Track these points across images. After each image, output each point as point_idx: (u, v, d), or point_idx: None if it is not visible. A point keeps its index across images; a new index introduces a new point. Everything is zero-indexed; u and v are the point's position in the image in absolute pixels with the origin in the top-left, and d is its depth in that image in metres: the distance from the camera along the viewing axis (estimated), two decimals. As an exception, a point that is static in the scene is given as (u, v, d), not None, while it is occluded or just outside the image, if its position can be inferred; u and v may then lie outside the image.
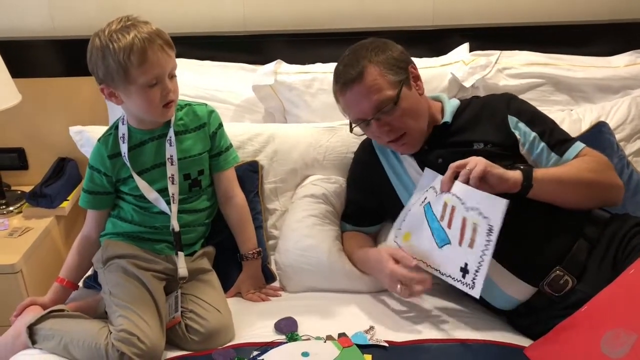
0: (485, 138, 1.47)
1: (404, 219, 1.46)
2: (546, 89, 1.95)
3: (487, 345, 1.30)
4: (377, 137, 1.51)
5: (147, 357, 1.29)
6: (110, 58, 1.33)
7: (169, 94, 1.39)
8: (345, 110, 1.51)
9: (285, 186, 1.76)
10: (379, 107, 1.43)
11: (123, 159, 1.47)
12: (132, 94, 1.38)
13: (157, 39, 1.35)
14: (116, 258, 1.47)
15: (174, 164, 1.47)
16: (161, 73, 1.36)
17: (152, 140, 1.48)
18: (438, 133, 1.52)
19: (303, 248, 1.58)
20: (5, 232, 1.91)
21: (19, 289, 1.78)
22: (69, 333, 1.35)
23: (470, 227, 1.29)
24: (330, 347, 1.31)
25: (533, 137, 1.45)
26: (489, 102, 1.56)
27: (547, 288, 1.36)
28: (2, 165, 2.08)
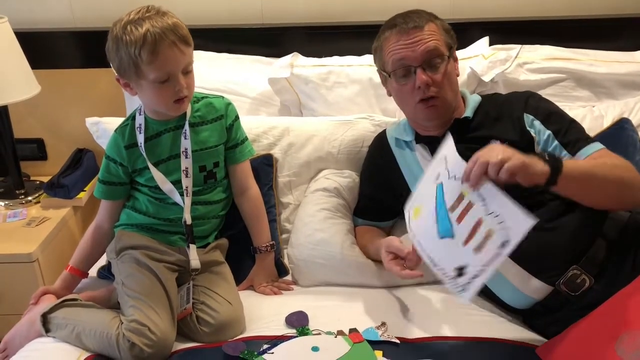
0: (503, 136, 1.43)
1: (418, 191, 1.38)
2: (567, 84, 1.91)
3: (499, 344, 1.28)
4: (410, 93, 1.46)
5: (157, 348, 1.29)
6: (122, 51, 1.33)
7: (182, 90, 1.38)
8: (389, 55, 1.47)
9: (299, 180, 1.75)
10: (430, 56, 1.43)
11: (139, 149, 1.47)
12: (143, 87, 1.38)
13: (171, 34, 1.33)
14: (129, 249, 1.47)
15: (188, 157, 1.47)
16: (173, 70, 1.35)
17: (168, 131, 1.48)
18: (457, 126, 1.50)
19: (315, 242, 1.57)
20: (23, 221, 1.93)
21: (35, 278, 1.81)
22: (82, 322, 1.36)
23: (484, 232, 1.18)
24: (340, 342, 1.30)
25: (547, 135, 1.43)
26: (509, 99, 1.54)
27: (563, 287, 1.33)
28: (22, 156, 2.10)
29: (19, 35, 1.90)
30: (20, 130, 2.09)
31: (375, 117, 1.78)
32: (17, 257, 1.79)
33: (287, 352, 1.28)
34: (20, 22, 2.04)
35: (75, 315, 1.39)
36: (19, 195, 2.04)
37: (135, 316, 1.32)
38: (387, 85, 1.55)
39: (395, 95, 1.54)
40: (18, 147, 2.05)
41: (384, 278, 1.54)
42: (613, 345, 1.13)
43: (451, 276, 1.22)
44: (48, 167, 2.19)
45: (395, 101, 1.57)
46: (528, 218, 1.12)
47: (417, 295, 1.50)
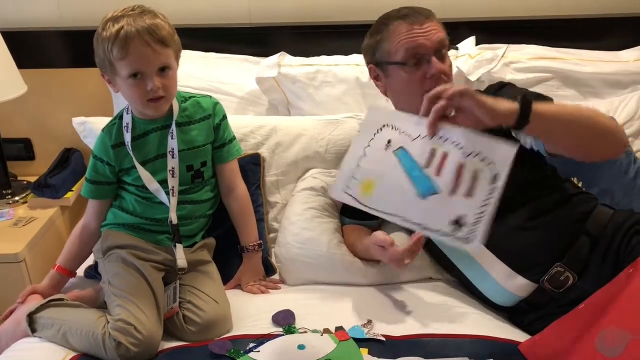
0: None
1: (358, 165, 1.28)
2: (553, 83, 1.92)
3: (484, 341, 1.29)
4: (420, 82, 1.43)
5: (143, 347, 1.29)
6: (99, 46, 1.37)
7: (155, 90, 1.37)
8: (400, 43, 1.44)
9: (287, 179, 1.75)
10: (441, 46, 1.44)
11: (127, 148, 1.47)
12: (119, 84, 1.40)
13: (145, 33, 1.34)
14: (116, 248, 1.47)
15: (174, 157, 1.47)
16: (144, 68, 1.36)
17: (155, 130, 1.48)
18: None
19: (302, 241, 1.57)
20: (10, 221, 1.93)
21: (23, 278, 1.80)
22: (68, 322, 1.36)
23: (469, 175, 1.16)
24: (326, 340, 1.30)
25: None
26: (486, 91, 1.52)
27: (547, 284, 1.35)
28: (9, 156, 2.09)
29: (4, 34, 1.90)
30: (7, 130, 2.08)
31: (362, 117, 1.78)
32: (4, 257, 1.78)
33: (272, 351, 1.28)
34: (6, 22, 2.03)
35: (62, 315, 1.38)
36: (5, 195, 2.03)
37: (121, 315, 1.31)
38: (388, 78, 1.50)
39: (399, 86, 1.49)
40: (5, 147, 2.04)
41: (371, 276, 1.54)
42: (594, 341, 1.14)
43: (448, 232, 1.18)
44: (35, 167, 2.18)
45: (394, 93, 1.53)
46: (509, 145, 1.13)
47: (403, 293, 1.50)
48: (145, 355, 1.30)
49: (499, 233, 1.37)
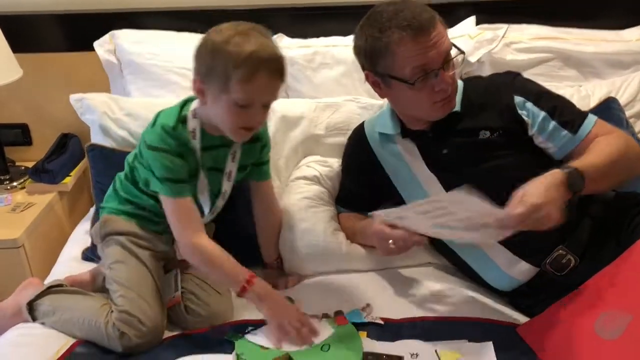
0: (491, 125, 1.40)
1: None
2: (555, 64, 1.90)
3: (483, 324, 1.29)
4: (428, 95, 1.36)
5: (147, 338, 1.29)
6: (219, 59, 1.23)
7: (254, 123, 1.31)
8: (407, 61, 1.33)
9: (285, 163, 1.73)
10: (448, 55, 1.35)
11: (195, 155, 1.35)
12: (220, 102, 1.27)
13: (274, 63, 1.25)
14: (115, 234, 1.44)
15: (230, 180, 1.42)
16: (259, 99, 1.27)
17: (223, 146, 1.39)
18: (442, 120, 1.43)
19: (299, 232, 1.55)
20: (8, 207, 1.92)
21: (22, 264, 1.79)
22: (69, 310, 1.35)
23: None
24: (324, 325, 1.30)
25: (543, 117, 1.39)
26: (492, 82, 1.48)
27: (549, 267, 1.34)
28: (6, 141, 2.07)
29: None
30: (4, 115, 2.07)
31: (361, 100, 1.76)
32: (3, 243, 1.77)
33: (267, 337, 1.27)
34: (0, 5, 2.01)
35: (62, 302, 1.38)
36: (3, 181, 2.02)
37: (125, 307, 1.30)
38: (391, 90, 1.41)
39: (404, 101, 1.42)
40: (2, 132, 2.03)
41: (369, 262, 1.54)
42: (592, 324, 1.14)
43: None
44: (33, 152, 2.16)
45: (397, 105, 1.47)
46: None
47: (402, 277, 1.50)
48: (149, 345, 1.29)
49: None
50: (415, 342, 1.23)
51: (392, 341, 1.24)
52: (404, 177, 1.50)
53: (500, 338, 1.24)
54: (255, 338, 1.27)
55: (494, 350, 1.21)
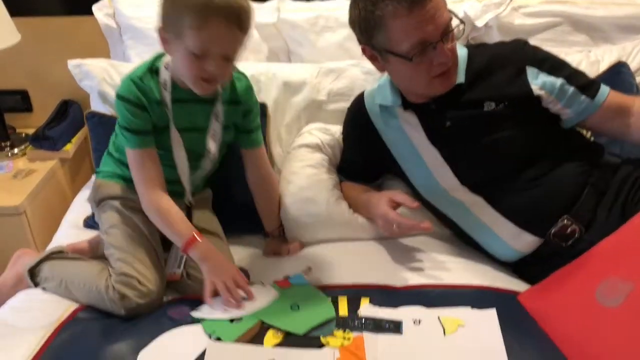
0: (498, 95, 1.36)
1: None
2: (564, 28, 1.85)
3: (485, 291, 1.28)
4: (427, 69, 1.30)
5: (147, 299, 1.28)
6: (176, 4, 1.21)
7: (214, 75, 1.26)
8: (404, 35, 1.27)
9: (286, 130, 1.71)
10: (448, 27, 1.28)
11: (164, 107, 1.34)
12: (178, 51, 1.26)
13: (233, 14, 1.20)
14: (108, 199, 1.43)
15: (216, 140, 1.40)
16: (214, 49, 1.23)
17: (196, 102, 1.36)
18: (450, 91, 1.38)
19: (301, 201, 1.53)
20: (10, 174, 1.91)
21: (24, 230, 1.80)
22: (70, 275, 1.35)
23: None
24: (268, 290, 1.31)
25: (560, 84, 1.35)
26: (499, 51, 1.42)
27: (553, 238, 1.32)
28: (6, 108, 2.06)
29: (-5, -19, 1.84)
30: (3, 81, 2.05)
31: (365, 64, 1.71)
32: (5, 209, 1.77)
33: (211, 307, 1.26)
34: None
35: (63, 268, 1.38)
36: (4, 148, 2.01)
37: (123, 269, 1.30)
38: (389, 64, 1.36)
39: (402, 75, 1.37)
40: (1, 98, 2.01)
41: (372, 231, 1.52)
42: (594, 291, 1.13)
43: None
44: (33, 119, 2.15)
45: (396, 78, 1.41)
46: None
47: (405, 246, 1.49)
48: (150, 307, 1.29)
49: (504, 193, 1.36)
50: (418, 308, 1.23)
51: (394, 307, 1.23)
52: (405, 150, 1.47)
53: (503, 306, 1.22)
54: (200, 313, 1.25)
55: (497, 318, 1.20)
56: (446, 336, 1.16)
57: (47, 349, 1.18)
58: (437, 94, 1.37)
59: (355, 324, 1.19)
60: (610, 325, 1.09)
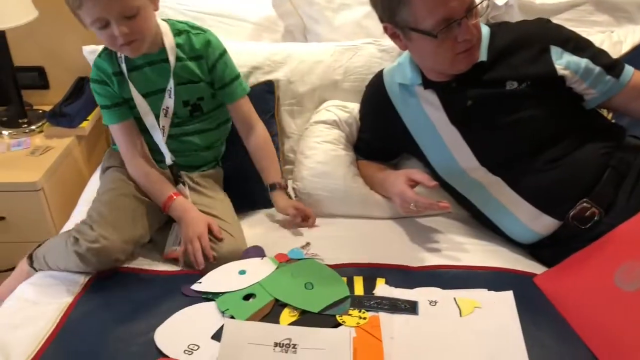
0: (520, 75, 1.33)
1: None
2: (586, 8, 1.81)
3: (502, 273, 1.28)
4: (451, 47, 1.29)
5: (97, 245, 1.28)
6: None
7: (124, 36, 1.28)
8: (429, 12, 1.25)
9: (303, 109, 1.70)
10: (472, 3, 1.26)
11: (125, 78, 1.40)
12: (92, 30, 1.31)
13: None
14: (113, 167, 1.48)
15: (171, 97, 1.41)
16: (104, 16, 1.25)
17: (148, 65, 1.40)
18: (472, 69, 1.36)
19: (318, 175, 1.54)
20: (27, 150, 1.92)
21: (41, 207, 1.81)
22: (48, 247, 1.39)
23: None
24: (266, 264, 1.32)
25: (585, 64, 1.33)
26: (522, 30, 1.40)
27: (572, 220, 1.31)
28: (23, 84, 2.06)
29: (12, -44, 1.82)
30: (20, 57, 2.04)
31: (382, 42, 1.70)
32: (23, 185, 1.79)
33: (213, 279, 1.29)
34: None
35: (48, 244, 1.41)
36: (22, 125, 2.02)
37: (85, 219, 1.35)
38: (412, 42, 1.33)
39: (426, 53, 1.34)
40: (18, 75, 2.00)
41: (388, 209, 1.52)
42: (612, 275, 1.12)
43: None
44: (50, 96, 2.15)
45: (418, 56, 1.39)
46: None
47: (421, 226, 1.49)
48: (102, 255, 1.29)
49: (524, 174, 1.35)
50: (434, 289, 1.23)
51: (410, 288, 1.23)
52: (424, 130, 1.45)
53: (520, 288, 1.22)
54: (201, 286, 1.27)
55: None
56: (462, 317, 1.16)
57: (65, 323, 1.20)
58: (460, 71, 1.35)
59: (371, 304, 1.19)
60: (629, 308, 1.08)
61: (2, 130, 2.00)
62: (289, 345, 1.08)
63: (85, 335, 1.17)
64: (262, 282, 1.26)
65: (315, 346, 1.08)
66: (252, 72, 1.69)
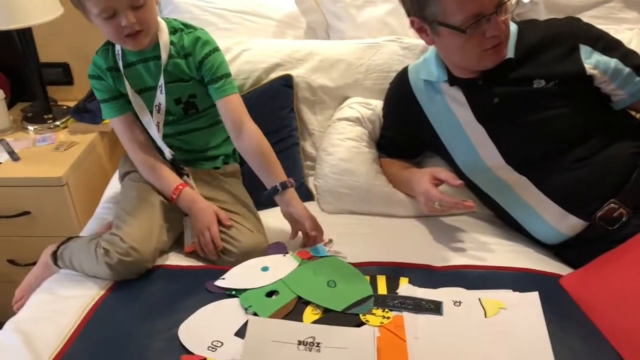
0: (548, 73, 1.32)
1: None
2: (615, 5, 1.78)
3: (527, 274, 1.26)
4: (479, 43, 1.28)
5: (130, 257, 1.29)
6: None
7: (129, 26, 1.29)
8: (459, 7, 1.24)
9: (324, 106, 1.70)
10: (502, 0, 1.25)
11: (121, 74, 1.41)
12: (96, 24, 1.32)
13: None
14: (132, 172, 1.49)
15: (162, 93, 1.41)
16: (115, 5, 1.26)
17: (142, 62, 1.41)
18: (494, 67, 1.34)
19: (340, 172, 1.53)
20: (52, 145, 1.95)
21: (66, 202, 1.83)
22: (74, 249, 1.38)
23: None
24: (289, 261, 1.32)
25: (615, 64, 1.31)
26: (551, 28, 1.38)
27: (599, 221, 1.29)
28: (48, 80, 2.08)
29: (38, -47, 1.84)
30: (46, 54, 2.07)
31: (405, 40, 1.69)
32: (48, 180, 1.81)
33: (236, 276, 1.29)
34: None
35: (73, 244, 1.41)
36: (47, 120, 2.04)
37: (114, 229, 1.35)
38: (440, 37, 1.32)
39: (454, 48, 1.33)
40: (44, 71, 2.03)
41: (410, 208, 1.52)
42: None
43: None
44: (75, 92, 2.18)
45: (445, 52, 1.38)
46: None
47: (444, 225, 1.48)
48: (134, 266, 1.30)
49: (550, 173, 1.33)
50: (458, 289, 1.21)
51: (434, 288, 1.22)
52: (449, 127, 1.44)
53: (546, 289, 1.21)
54: (224, 282, 1.27)
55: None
56: (487, 318, 1.14)
57: (91, 318, 1.21)
58: (487, 67, 1.34)
59: (395, 303, 1.18)
60: None
61: (27, 125, 2.03)
62: (313, 344, 1.08)
63: (110, 331, 1.18)
64: (284, 279, 1.26)
65: (339, 345, 1.08)
66: (273, 68, 1.69)
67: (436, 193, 1.36)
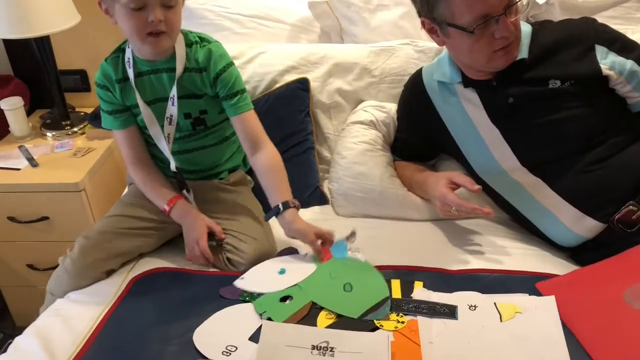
0: (564, 73, 1.30)
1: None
2: (631, 5, 1.76)
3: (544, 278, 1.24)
4: (488, 44, 1.27)
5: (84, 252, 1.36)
6: None
7: (157, 23, 1.25)
8: (468, 7, 1.23)
9: (338, 110, 1.70)
10: (512, 0, 1.23)
11: (131, 84, 1.38)
12: (117, 13, 1.28)
13: None
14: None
15: (174, 105, 1.37)
16: None
17: (155, 72, 1.37)
18: (508, 67, 1.33)
19: (354, 175, 1.53)
20: (70, 151, 1.97)
21: (83, 207, 1.85)
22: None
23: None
24: (307, 262, 1.33)
25: (630, 66, 1.30)
26: (567, 28, 1.37)
27: (617, 224, 1.27)
28: (65, 87, 2.11)
29: (56, -38, 1.87)
30: (63, 61, 2.10)
31: (419, 43, 1.69)
32: (65, 186, 1.83)
33: (254, 278, 1.30)
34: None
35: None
36: (65, 126, 2.07)
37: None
38: (449, 38, 1.32)
39: (463, 49, 1.32)
40: (62, 78, 2.06)
41: (424, 212, 1.51)
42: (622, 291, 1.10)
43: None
44: (92, 98, 2.19)
45: (455, 52, 1.37)
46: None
47: (459, 229, 1.47)
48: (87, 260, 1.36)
49: (565, 175, 1.32)
50: (473, 293, 1.21)
51: (449, 292, 1.22)
52: (464, 129, 1.43)
53: (563, 293, 1.19)
54: (242, 283, 1.28)
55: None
56: (503, 323, 1.13)
57: (107, 322, 1.22)
58: (497, 69, 1.33)
59: (410, 308, 1.18)
60: (636, 326, 1.05)
61: (46, 132, 2.06)
62: (327, 349, 1.08)
63: (126, 335, 1.19)
64: (300, 283, 1.26)
65: (353, 350, 1.07)
66: (288, 70, 1.70)
67: (453, 198, 1.35)
